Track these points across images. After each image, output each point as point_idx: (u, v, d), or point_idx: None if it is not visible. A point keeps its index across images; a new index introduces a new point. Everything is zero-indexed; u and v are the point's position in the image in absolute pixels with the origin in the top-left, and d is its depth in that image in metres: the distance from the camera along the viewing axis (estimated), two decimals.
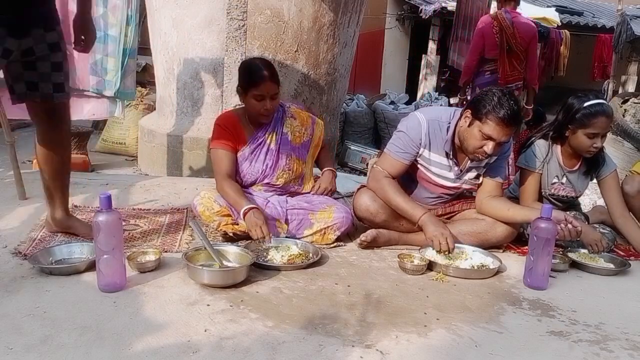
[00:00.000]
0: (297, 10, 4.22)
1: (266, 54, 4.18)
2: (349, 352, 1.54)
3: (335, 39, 4.55)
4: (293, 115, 2.61)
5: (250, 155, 2.52)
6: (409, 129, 2.41)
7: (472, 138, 2.26)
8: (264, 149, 2.53)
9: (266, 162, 2.52)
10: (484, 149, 2.24)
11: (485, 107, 2.20)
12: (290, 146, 2.57)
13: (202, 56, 4.41)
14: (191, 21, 4.38)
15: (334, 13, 4.44)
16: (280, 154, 2.54)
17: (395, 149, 2.43)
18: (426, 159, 2.44)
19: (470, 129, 2.27)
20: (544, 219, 2.06)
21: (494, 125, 2.18)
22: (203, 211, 2.39)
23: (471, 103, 2.33)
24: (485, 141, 2.23)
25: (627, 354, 1.64)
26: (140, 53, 3.64)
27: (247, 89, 2.42)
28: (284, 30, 4.22)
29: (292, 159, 2.57)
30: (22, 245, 2.19)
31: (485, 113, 2.20)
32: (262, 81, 2.38)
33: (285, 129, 2.57)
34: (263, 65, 2.43)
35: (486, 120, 2.20)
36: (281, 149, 2.54)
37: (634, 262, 2.46)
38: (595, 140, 2.46)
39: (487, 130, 2.20)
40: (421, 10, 9.73)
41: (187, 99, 4.60)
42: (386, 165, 2.44)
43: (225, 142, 2.48)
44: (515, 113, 2.18)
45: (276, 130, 2.55)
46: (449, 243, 2.24)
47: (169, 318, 1.67)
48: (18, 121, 6.32)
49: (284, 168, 2.54)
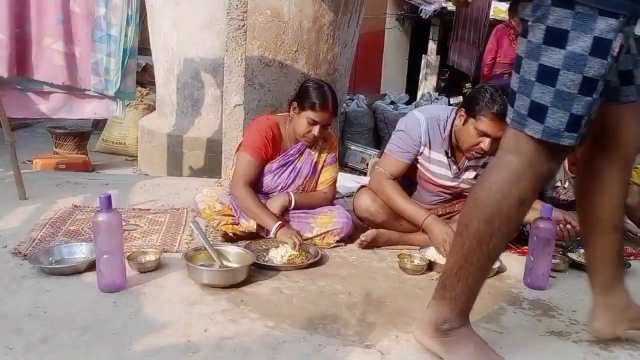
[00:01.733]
0: (297, 10, 4.22)
1: (266, 54, 4.18)
2: (349, 352, 1.54)
3: (335, 39, 4.55)
4: (326, 138, 2.56)
5: (276, 169, 2.48)
6: (408, 128, 2.41)
7: (467, 136, 2.26)
8: (291, 167, 2.50)
9: (287, 180, 2.50)
10: (480, 145, 2.24)
11: (478, 104, 2.20)
12: (313, 169, 2.54)
13: (202, 56, 4.41)
14: (191, 21, 4.38)
15: (334, 13, 4.44)
16: (300, 173, 2.51)
17: (396, 148, 2.42)
18: (426, 157, 2.44)
19: (465, 127, 2.27)
20: (544, 219, 2.06)
21: (488, 122, 2.18)
22: (204, 209, 2.38)
23: (465, 101, 2.33)
24: (480, 138, 2.23)
25: (627, 354, 1.64)
26: (140, 53, 3.63)
27: (304, 108, 2.37)
28: (284, 30, 4.22)
29: (309, 179, 2.55)
30: (22, 245, 2.19)
31: (478, 110, 2.20)
32: (324, 110, 2.35)
33: (314, 151, 2.53)
34: (330, 94, 2.38)
35: (480, 117, 2.19)
36: (303, 169, 2.51)
37: (634, 262, 2.46)
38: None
39: (481, 126, 2.20)
40: (421, 10, 9.72)
41: (187, 99, 4.60)
42: (387, 165, 2.44)
43: (261, 152, 2.42)
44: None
45: (306, 150, 2.52)
46: None
47: (169, 318, 1.67)
48: (18, 121, 6.33)
49: (298, 187, 2.52)
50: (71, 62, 3.03)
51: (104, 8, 3.00)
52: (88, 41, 3.03)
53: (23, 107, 3.07)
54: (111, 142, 5.67)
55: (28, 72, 2.97)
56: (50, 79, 3.01)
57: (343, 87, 5.08)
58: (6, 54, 2.83)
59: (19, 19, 2.88)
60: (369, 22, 9.37)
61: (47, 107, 3.10)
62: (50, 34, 2.96)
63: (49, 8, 2.92)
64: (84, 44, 3.03)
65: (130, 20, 3.06)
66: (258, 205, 2.31)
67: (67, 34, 2.99)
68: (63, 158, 4.67)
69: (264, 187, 2.51)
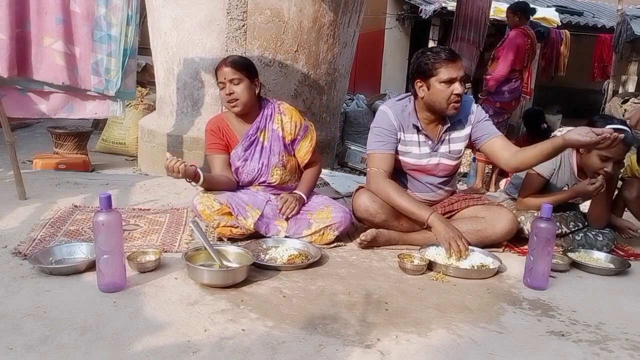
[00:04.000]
0: (297, 10, 4.22)
1: (266, 54, 4.18)
2: (349, 352, 1.54)
3: (335, 39, 4.55)
4: (283, 111, 2.61)
5: (244, 153, 2.54)
6: (379, 122, 2.51)
7: (438, 94, 2.34)
8: (258, 147, 2.55)
9: (262, 160, 2.54)
10: (454, 93, 2.32)
11: (427, 64, 2.33)
12: (283, 142, 2.58)
13: (202, 56, 4.41)
14: (191, 21, 4.38)
15: (334, 13, 4.44)
16: (272, 150, 2.55)
17: (377, 145, 2.48)
18: (404, 141, 2.49)
19: (431, 90, 2.35)
20: (544, 219, 2.06)
21: (446, 68, 2.30)
22: (203, 210, 2.39)
23: (413, 74, 2.41)
24: (449, 86, 2.31)
25: (627, 354, 1.64)
26: (140, 53, 3.64)
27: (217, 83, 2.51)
28: (284, 30, 4.22)
29: (285, 155, 2.58)
30: (22, 245, 2.19)
31: (431, 67, 2.32)
32: (219, 68, 2.47)
33: (275, 125, 2.57)
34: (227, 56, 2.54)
35: (437, 70, 2.31)
36: (273, 145, 2.56)
37: (634, 262, 2.46)
38: (607, 165, 2.42)
39: (444, 75, 2.30)
40: (421, 10, 9.72)
41: (187, 99, 4.60)
42: (377, 163, 2.47)
43: (216, 145, 2.55)
44: (450, 49, 2.39)
45: (267, 127, 2.57)
46: (465, 244, 2.25)
47: (169, 318, 1.67)
48: (18, 121, 6.33)
49: (277, 164, 2.56)
50: (71, 62, 3.03)
51: (104, 8, 3.00)
52: (88, 41, 3.03)
53: (23, 107, 3.07)
54: (111, 142, 5.67)
55: (28, 72, 2.97)
56: (50, 79, 3.01)
57: (343, 87, 5.08)
58: (6, 54, 2.83)
59: (19, 19, 2.88)
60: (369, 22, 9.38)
61: (47, 107, 3.10)
62: (51, 34, 2.96)
63: (49, 8, 2.92)
64: (84, 44, 3.03)
65: (130, 21, 3.06)
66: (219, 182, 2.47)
67: (67, 34, 3.00)
68: (63, 158, 4.67)
69: (242, 175, 2.57)
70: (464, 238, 2.27)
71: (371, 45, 10.75)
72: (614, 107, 7.53)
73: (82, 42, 3.03)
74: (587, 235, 2.60)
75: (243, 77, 2.46)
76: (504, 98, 4.99)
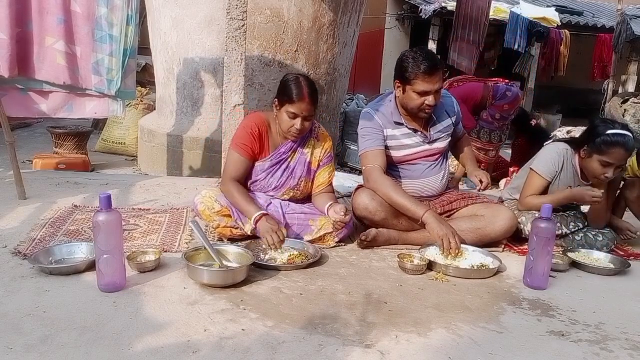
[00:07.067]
0: (297, 10, 4.22)
1: (266, 54, 4.18)
2: (349, 352, 1.54)
3: (335, 39, 4.55)
4: (318, 137, 2.56)
5: (269, 168, 2.47)
6: (365, 122, 2.57)
7: (411, 101, 2.43)
8: (284, 166, 2.49)
9: (281, 179, 2.49)
10: (426, 104, 2.40)
11: (407, 71, 2.38)
12: (308, 168, 2.52)
13: (202, 56, 4.41)
14: (191, 21, 4.39)
15: (334, 13, 4.44)
16: (294, 173, 2.50)
17: (367, 143, 2.52)
18: (392, 137, 2.54)
19: (405, 95, 2.44)
20: (544, 219, 2.06)
21: (422, 82, 2.36)
22: (204, 210, 2.38)
23: (396, 74, 2.47)
24: (422, 97, 2.39)
25: (627, 354, 1.64)
26: (140, 53, 3.64)
27: (283, 103, 2.36)
28: (284, 30, 4.22)
29: (304, 180, 2.53)
30: (22, 245, 2.19)
31: (409, 76, 2.38)
32: (301, 101, 2.32)
33: (306, 149, 2.52)
34: (306, 84, 2.36)
35: (414, 81, 2.37)
36: (296, 169, 2.50)
37: (633, 262, 2.46)
38: (608, 170, 2.42)
39: (419, 88, 2.37)
40: (421, 10, 9.73)
41: (187, 99, 4.60)
42: (370, 160, 2.49)
43: (247, 148, 2.42)
44: (433, 60, 2.37)
45: (298, 149, 2.51)
46: (457, 242, 2.25)
47: (169, 318, 1.67)
48: (18, 121, 6.33)
49: (294, 187, 2.51)
50: (73, 62, 3.03)
51: (104, 8, 3.00)
52: (89, 41, 3.03)
53: (24, 107, 3.07)
54: (111, 142, 5.67)
55: (30, 72, 2.97)
56: (52, 79, 3.01)
57: (343, 87, 5.08)
58: (7, 54, 2.83)
59: (21, 19, 2.88)
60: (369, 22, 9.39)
61: (47, 107, 3.10)
62: (52, 34, 2.96)
63: (50, 8, 2.92)
64: (85, 44, 3.03)
65: (130, 21, 3.06)
66: (243, 196, 2.33)
67: (69, 34, 2.99)
68: (63, 158, 4.68)
69: (257, 184, 2.51)
70: (458, 236, 2.26)
71: (371, 45, 10.76)
72: (614, 107, 7.52)
73: (83, 42, 3.03)
74: (587, 235, 2.60)
75: (314, 112, 2.40)
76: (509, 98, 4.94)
